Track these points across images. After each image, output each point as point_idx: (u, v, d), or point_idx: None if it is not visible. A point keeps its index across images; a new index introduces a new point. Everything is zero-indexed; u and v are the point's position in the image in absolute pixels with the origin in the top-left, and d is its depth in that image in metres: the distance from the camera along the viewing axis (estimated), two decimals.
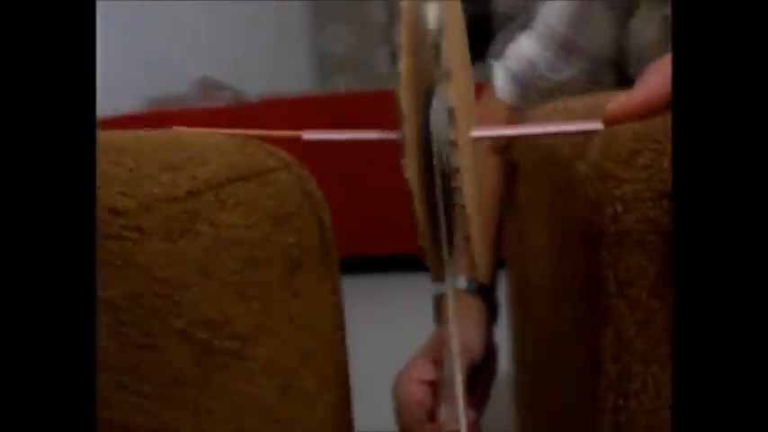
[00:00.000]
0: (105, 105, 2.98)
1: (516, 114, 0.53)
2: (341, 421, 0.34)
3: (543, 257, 0.33)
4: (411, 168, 0.21)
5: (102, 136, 0.27)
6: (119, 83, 2.75)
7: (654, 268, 0.24)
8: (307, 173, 0.32)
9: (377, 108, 2.49)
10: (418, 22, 0.21)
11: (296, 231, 0.30)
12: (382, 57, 4.60)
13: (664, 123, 0.24)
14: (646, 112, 0.25)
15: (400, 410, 0.42)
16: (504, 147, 0.49)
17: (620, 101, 0.25)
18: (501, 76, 0.58)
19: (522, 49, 0.56)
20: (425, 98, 0.23)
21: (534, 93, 0.56)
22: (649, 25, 0.49)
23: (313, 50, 4.71)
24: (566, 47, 0.54)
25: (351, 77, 4.68)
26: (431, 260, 0.28)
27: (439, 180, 0.23)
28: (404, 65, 0.20)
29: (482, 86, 0.60)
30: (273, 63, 4.03)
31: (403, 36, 0.21)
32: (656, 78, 0.25)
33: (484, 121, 0.59)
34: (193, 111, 2.67)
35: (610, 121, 0.25)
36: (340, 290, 0.35)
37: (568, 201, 0.26)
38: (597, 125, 0.25)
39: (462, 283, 0.47)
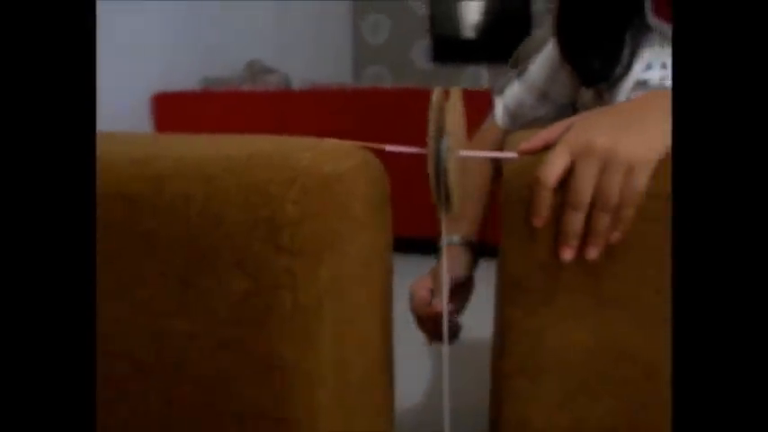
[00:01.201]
0: (165, 83, 3.25)
1: (507, 135, 0.80)
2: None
3: None
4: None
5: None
6: (177, 63, 3.05)
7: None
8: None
9: (412, 105, 2.73)
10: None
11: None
12: (419, 50, 4.84)
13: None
14: (540, 150, 0.50)
15: (413, 302, 0.70)
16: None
17: (528, 143, 0.51)
18: (499, 108, 0.85)
19: (515, 92, 0.83)
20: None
21: (519, 122, 0.83)
22: (587, 91, 0.76)
23: (353, 39, 4.94)
24: (542, 95, 0.81)
25: (387, 68, 4.93)
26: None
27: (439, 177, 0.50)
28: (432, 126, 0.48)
29: None
30: (315, 49, 4.27)
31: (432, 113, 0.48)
32: (548, 132, 0.51)
33: (486, 138, 0.86)
34: (242, 93, 2.94)
35: (521, 153, 0.51)
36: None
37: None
38: (514, 155, 0.52)
39: (456, 239, 0.75)
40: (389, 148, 0.55)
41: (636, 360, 0.48)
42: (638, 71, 0.69)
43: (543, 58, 0.81)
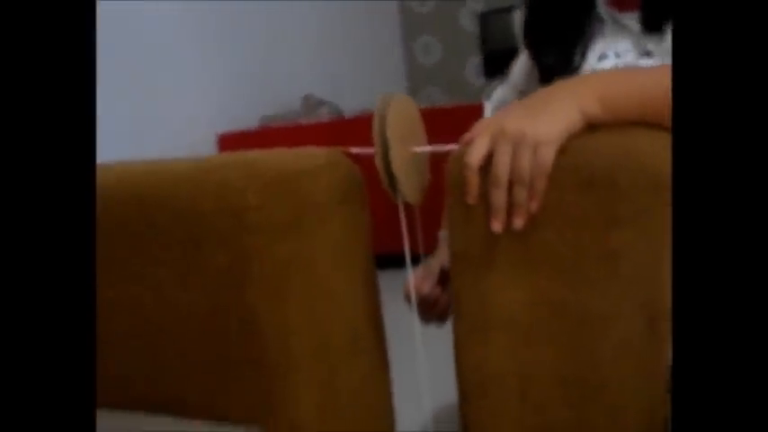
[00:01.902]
0: (228, 122, 3.47)
1: None
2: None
3: None
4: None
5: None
6: (237, 103, 3.29)
7: None
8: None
9: (464, 121, 2.79)
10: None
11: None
12: (472, 68, 4.91)
13: None
14: (470, 142, 0.58)
15: (405, 288, 0.79)
16: None
17: (468, 134, 0.59)
18: (488, 110, 0.93)
19: (500, 94, 0.92)
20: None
21: None
22: None
23: (405, 62, 5.07)
24: (521, 94, 0.89)
25: (441, 88, 5.03)
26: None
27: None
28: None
29: None
30: (368, 77, 4.42)
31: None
32: (477, 128, 0.59)
33: None
34: (298, 126, 3.13)
35: (463, 144, 0.59)
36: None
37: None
38: (455, 146, 0.61)
39: None
40: (355, 150, 0.65)
41: (567, 312, 0.55)
42: (592, 62, 0.76)
43: (521, 59, 0.89)
